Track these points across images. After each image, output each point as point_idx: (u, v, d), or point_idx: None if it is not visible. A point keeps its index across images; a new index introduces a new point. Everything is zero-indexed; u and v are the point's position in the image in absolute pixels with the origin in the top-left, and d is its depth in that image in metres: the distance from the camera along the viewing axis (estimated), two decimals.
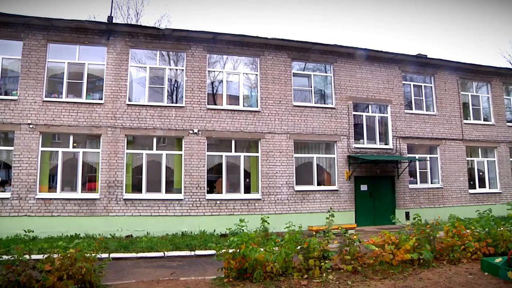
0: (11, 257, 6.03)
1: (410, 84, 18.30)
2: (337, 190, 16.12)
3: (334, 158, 16.40)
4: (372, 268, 7.71)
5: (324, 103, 16.84)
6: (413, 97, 18.23)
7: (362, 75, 17.13)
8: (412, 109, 18.03)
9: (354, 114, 16.84)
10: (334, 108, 16.54)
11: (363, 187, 16.58)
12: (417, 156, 17.67)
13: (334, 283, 6.87)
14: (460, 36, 69.09)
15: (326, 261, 7.38)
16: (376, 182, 16.78)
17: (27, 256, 6.14)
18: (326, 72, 17.04)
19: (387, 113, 17.51)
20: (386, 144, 17.33)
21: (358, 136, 16.89)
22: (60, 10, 52.04)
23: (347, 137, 16.50)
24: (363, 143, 16.95)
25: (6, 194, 13.61)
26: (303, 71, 16.88)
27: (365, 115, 17.25)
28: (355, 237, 8.09)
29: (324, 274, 7.15)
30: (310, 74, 16.83)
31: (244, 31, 23.63)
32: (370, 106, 17.38)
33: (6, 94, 14.34)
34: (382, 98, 17.39)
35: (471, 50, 63.16)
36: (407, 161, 16.89)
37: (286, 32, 61.34)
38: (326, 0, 70.08)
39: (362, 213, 16.32)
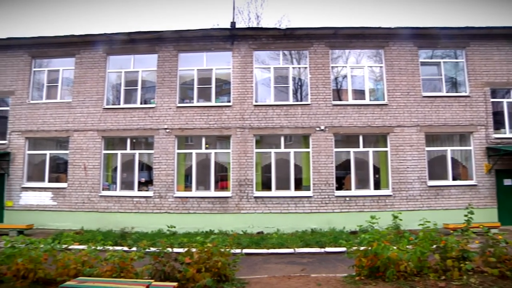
0: (156, 250, 6.59)
1: None
2: (476, 185, 14.78)
3: (471, 150, 15.06)
4: None
5: (457, 92, 15.58)
6: None
7: (500, 57, 15.41)
8: None
9: (492, 101, 15.26)
10: (468, 96, 15.20)
11: (507, 182, 14.94)
12: None
13: (477, 287, 6.20)
14: None
15: (466, 262, 6.71)
16: None
17: (169, 249, 6.65)
18: (457, 58, 15.74)
19: None
20: None
21: (498, 125, 15.23)
22: (186, 21, 56.60)
23: (485, 127, 15.05)
24: (505, 133, 15.22)
25: (149, 193, 15.02)
26: (431, 59, 15.81)
27: (506, 101, 15.46)
28: (500, 237, 7.20)
29: (465, 277, 6.51)
30: (440, 62, 15.68)
31: (365, 24, 22.96)
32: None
33: (145, 103, 15.78)
34: None
35: None
36: None
37: (408, 22, 58.39)
38: None
39: (506, 211, 14.71)
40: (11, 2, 67.28)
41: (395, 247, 6.95)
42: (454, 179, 15.04)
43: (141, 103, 15.76)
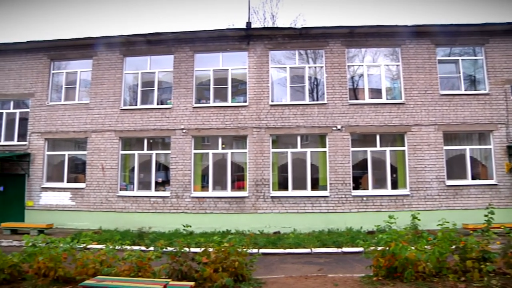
0: (174, 249, 6.64)
1: None
2: (496, 184, 14.47)
3: (491, 149, 14.75)
4: None
5: (475, 89, 15.26)
6: None
7: None
8: None
9: None
10: (487, 94, 14.89)
11: None
12: None
13: None
14: None
15: (487, 264, 6.52)
16: None
17: (186, 249, 6.68)
18: (475, 55, 15.41)
19: None
20: None
21: None
22: (202, 22, 57.02)
23: (505, 125, 14.71)
24: None
25: (166, 193, 15.13)
26: (449, 56, 15.55)
27: None
28: None
29: (485, 278, 6.31)
30: (458, 59, 15.40)
31: (381, 22, 22.62)
32: None
33: (162, 104, 15.90)
34: None
35: None
36: None
37: (425, 19, 57.56)
38: None
39: None
40: (20, 6, 68.70)
41: (413, 248, 6.82)
42: (473, 178, 14.74)
43: (157, 104, 15.90)
